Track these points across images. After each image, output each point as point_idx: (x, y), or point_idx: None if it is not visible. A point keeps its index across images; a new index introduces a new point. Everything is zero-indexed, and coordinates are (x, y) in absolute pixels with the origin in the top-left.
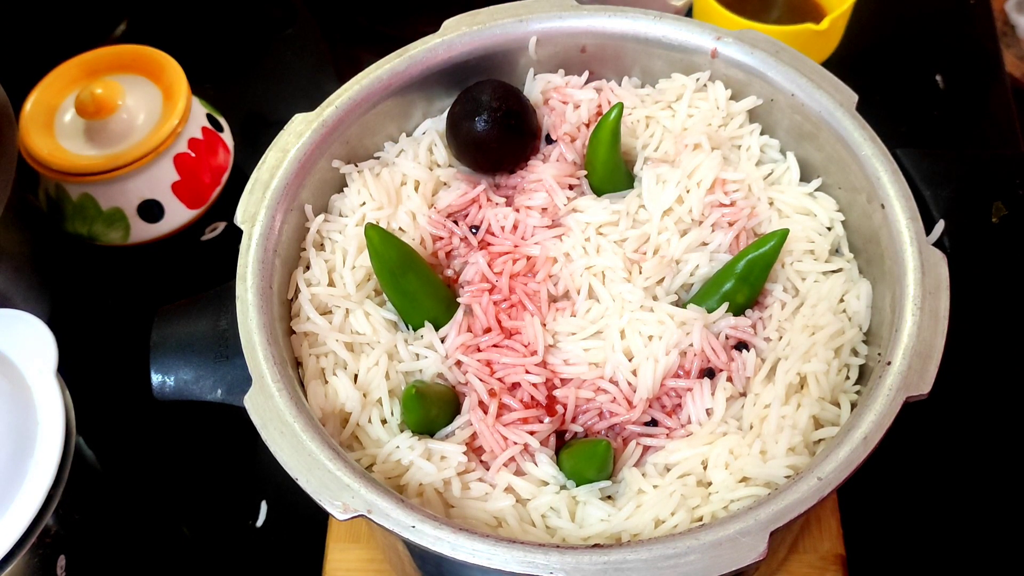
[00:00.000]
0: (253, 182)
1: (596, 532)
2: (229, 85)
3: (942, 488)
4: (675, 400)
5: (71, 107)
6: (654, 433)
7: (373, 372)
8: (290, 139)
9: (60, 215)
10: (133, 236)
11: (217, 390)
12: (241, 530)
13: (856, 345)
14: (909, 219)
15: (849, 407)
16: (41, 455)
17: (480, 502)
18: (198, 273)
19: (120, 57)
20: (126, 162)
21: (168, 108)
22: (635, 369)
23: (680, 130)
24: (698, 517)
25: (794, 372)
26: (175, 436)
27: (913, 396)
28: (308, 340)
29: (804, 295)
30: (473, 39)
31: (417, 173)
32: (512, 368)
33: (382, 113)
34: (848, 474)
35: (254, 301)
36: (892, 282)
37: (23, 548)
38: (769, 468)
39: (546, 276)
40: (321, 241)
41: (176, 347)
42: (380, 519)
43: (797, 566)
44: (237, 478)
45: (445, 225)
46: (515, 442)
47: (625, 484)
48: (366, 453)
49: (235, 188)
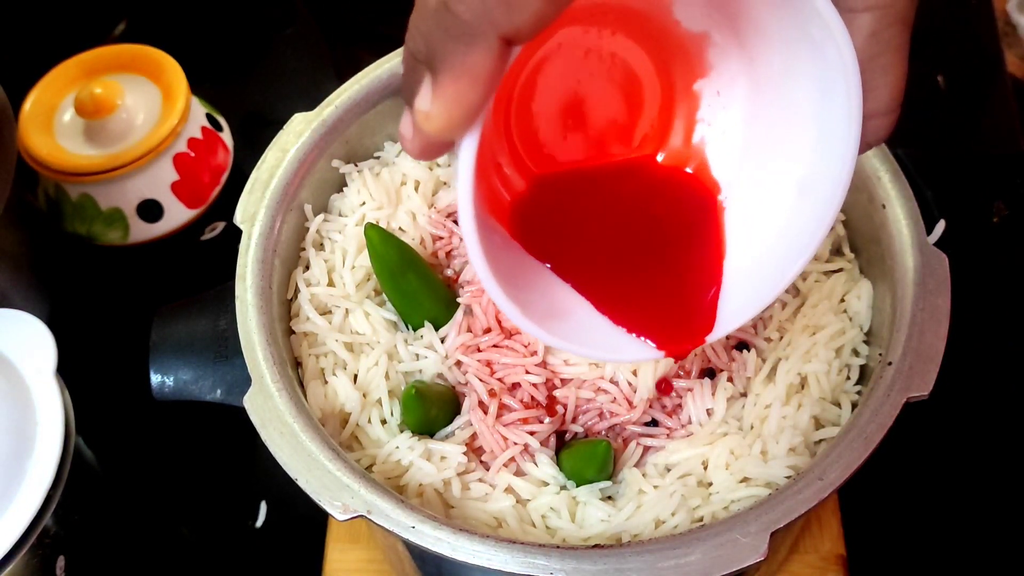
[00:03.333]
0: (252, 182)
1: (596, 532)
2: (229, 85)
3: (943, 488)
4: (675, 400)
5: (70, 107)
6: (654, 433)
7: (373, 372)
8: (290, 139)
9: (59, 215)
10: (132, 236)
11: (216, 390)
12: (241, 530)
13: (857, 345)
14: (910, 219)
15: (850, 407)
16: (40, 455)
17: (480, 503)
18: (198, 273)
19: (119, 57)
20: (125, 162)
21: (167, 108)
22: (635, 369)
23: None
24: (699, 517)
25: (795, 372)
26: (175, 436)
27: (914, 396)
28: (308, 340)
29: (805, 295)
30: None
31: (417, 173)
32: (512, 368)
33: (382, 113)
34: (849, 474)
35: (254, 301)
36: (893, 282)
37: (22, 548)
38: (770, 468)
39: None
40: (321, 241)
41: (175, 347)
42: (380, 520)
43: (798, 566)
44: (237, 478)
45: (445, 225)
46: (515, 442)
47: (625, 484)
48: (366, 453)
49: (235, 188)
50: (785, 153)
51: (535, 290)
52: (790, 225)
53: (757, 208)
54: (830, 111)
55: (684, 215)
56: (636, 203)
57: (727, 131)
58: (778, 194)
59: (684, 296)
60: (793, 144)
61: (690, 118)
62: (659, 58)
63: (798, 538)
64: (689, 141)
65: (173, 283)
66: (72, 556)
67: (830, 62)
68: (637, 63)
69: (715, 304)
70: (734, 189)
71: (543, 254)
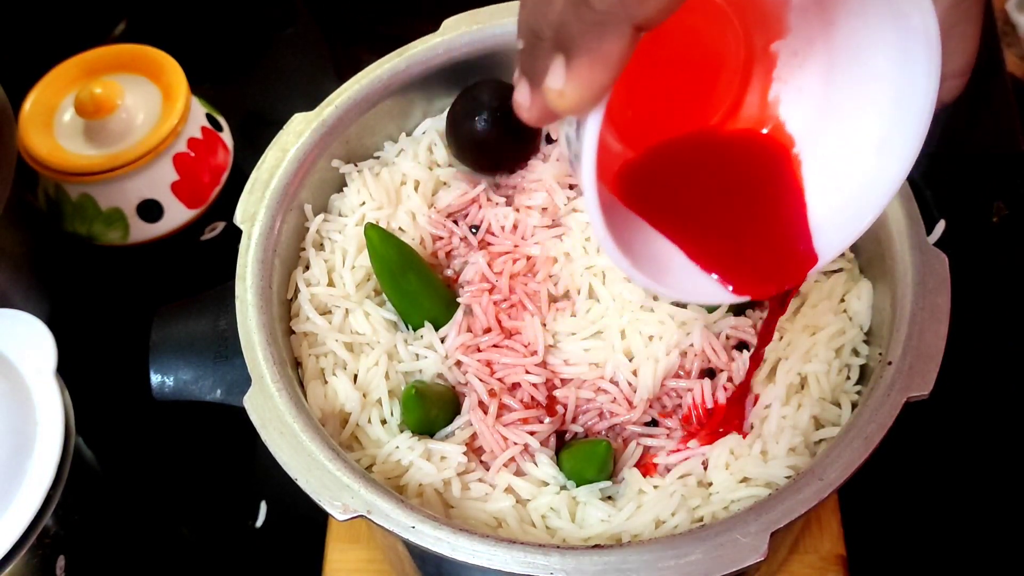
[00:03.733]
0: (252, 182)
1: (596, 533)
2: (229, 85)
3: (943, 488)
4: (676, 400)
5: (70, 107)
6: (654, 433)
7: (373, 372)
8: (289, 139)
9: (59, 215)
10: (132, 236)
11: (216, 390)
12: (241, 530)
13: (857, 345)
14: (910, 219)
15: (850, 407)
16: (40, 455)
17: (480, 502)
18: (198, 273)
19: (119, 57)
20: (125, 162)
21: (167, 108)
22: (635, 369)
23: None
24: (699, 517)
25: (795, 372)
26: (175, 436)
27: (914, 396)
28: (308, 340)
29: (805, 295)
30: (473, 39)
31: (417, 173)
32: (512, 368)
33: (382, 113)
34: (849, 474)
35: (254, 301)
36: (893, 282)
37: (22, 548)
38: (770, 468)
39: (546, 276)
40: (321, 241)
41: (175, 347)
42: (380, 520)
43: (798, 566)
44: (237, 478)
45: (445, 225)
46: (515, 442)
47: (625, 484)
48: (366, 453)
49: (235, 188)
50: (861, 111)
51: (638, 243)
52: (866, 178)
53: (832, 163)
54: (909, 75)
55: (763, 171)
56: (719, 163)
57: (803, 89)
58: (854, 150)
59: (769, 244)
60: (870, 104)
61: (766, 77)
62: (742, 21)
63: (798, 538)
64: (765, 98)
65: (173, 283)
66: (72, 556)
67: (913, 29)
68: (724, 27)
69: (795, 250)
70: (808, 144)
71: (644, 212)
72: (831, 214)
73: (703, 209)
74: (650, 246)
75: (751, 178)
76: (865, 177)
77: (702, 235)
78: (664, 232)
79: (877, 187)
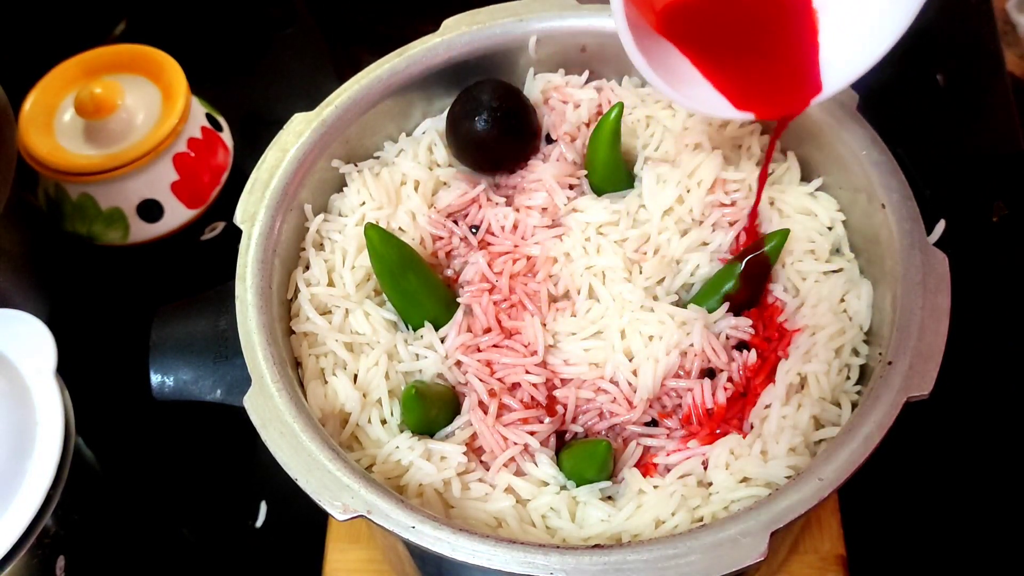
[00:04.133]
0: (252, 182)
1: (596, 532)
2: (229, 85)
3: (942, 488)
4: (676, 400)
5: (70, 107)
6: (654, 433)
7: (373, 372)
8: (289, 139)
9: (59, 215)
10: (132, 236)
11: (217, 390)
12: (241, 531)
13: (857, 345)
14: (910, 219)
15: (850, 407)
16: (40, 455)
17: (480, 502)
18: (198, 273)
19: (119, 57)
20: (125, 162)
21: (167, 108)
22: (635, 369)
23: (680, 130)
24: (699, 517)
25: (795, 372)
26: (175, 436)
27: (914, 396)
28: (308, 340)
29: (805, 295)
30: (473, 39)
31: (417, 173)
32: (512, 368)
33: (382, 113)
34: (849, 474)
35: (254, 301)
36: (893, 282)
37: (22, 548)
38: (770, 468)
39: (546, 276)
40: (321, 241)
41: (175, 347)
42: (380, 520)
43: (797, 566)
44: (237, 478)
45: (445, 225)
46: (515, 442)
47: (625, 484)
48: (366, 453)
49: (235, 188)
50: None
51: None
52: (879, 15)
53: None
54: None
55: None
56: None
57: None
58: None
59: (780, 72)
60: None
61: None
62: None
63: (798, 538)
64: None
65: (173, 283)
66: (72, 556)
67: None
68: None
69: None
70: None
71: (674, 37)
72: (841, 50)
73: (725, 37)
74: (673, 62)
75: (771, 14)
76: (878, 14)
77: (720, 58)
78: (686, 53)
79: (889, 21)
